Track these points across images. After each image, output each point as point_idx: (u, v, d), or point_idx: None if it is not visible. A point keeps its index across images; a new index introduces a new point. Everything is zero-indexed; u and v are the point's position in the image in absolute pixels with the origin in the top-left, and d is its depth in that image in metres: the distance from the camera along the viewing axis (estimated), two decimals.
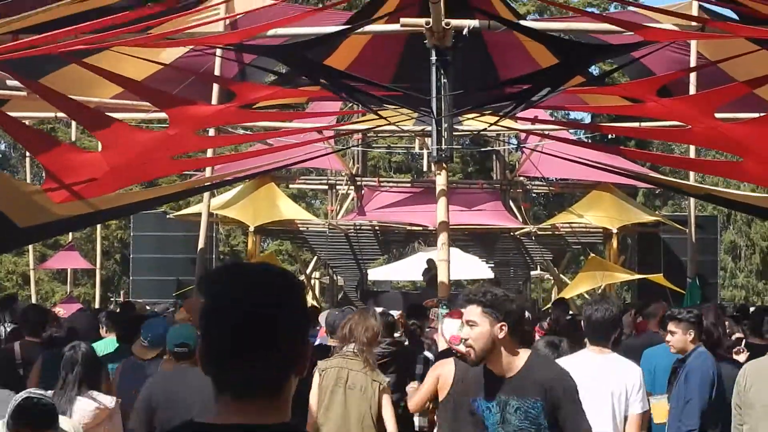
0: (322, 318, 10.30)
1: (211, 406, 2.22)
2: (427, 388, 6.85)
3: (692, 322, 7.96)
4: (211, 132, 15.14)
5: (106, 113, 12.08)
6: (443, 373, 6.52)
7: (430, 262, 23.00)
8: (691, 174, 18.25)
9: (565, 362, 6.73)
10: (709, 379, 7.64)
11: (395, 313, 11.53)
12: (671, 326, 8.02)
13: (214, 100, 14.17)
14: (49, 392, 5.91)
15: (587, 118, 35.38)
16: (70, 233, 26.29)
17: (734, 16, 10.14)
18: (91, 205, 11.56)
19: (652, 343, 9.63)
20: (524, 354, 5.38)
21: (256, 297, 2.19)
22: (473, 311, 5.32)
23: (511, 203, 25.28)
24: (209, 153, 16.38)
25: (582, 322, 6.95)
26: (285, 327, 2.22)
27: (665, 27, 10.49)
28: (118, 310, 14.14)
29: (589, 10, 33.54)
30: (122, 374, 8.49)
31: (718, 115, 9.93)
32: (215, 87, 14.45)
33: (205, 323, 2.23)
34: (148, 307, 17.63)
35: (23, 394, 5.53)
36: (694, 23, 10.85)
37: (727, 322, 10.78)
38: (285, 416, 2.23)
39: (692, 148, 16.39)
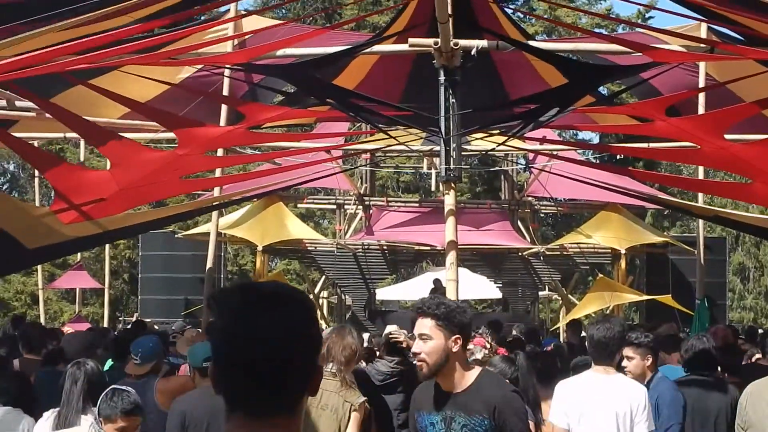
0: None
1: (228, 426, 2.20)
2: None
3: (651, 347, 7.79)
4: (220, 152, 15.17)
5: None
6: None
7: (437, 282, 22.96)
8: (700, 196, 18.22)
9: (569, 382, 6.72)
10: (680, 401, 7.55)
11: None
12: (628, 351, 7.65)
13: (223, 121, 14.19)
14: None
15: (595, 139, 35.43)
16: (79, 253, 26.32)
17: (741, 38, 10.15)
18: (100, 225, 11.56)
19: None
20: (475, 371, 5.25)
21: (268, 317, 2.18)
22: (426, 324, 5.13)
23: (520, 223, 25.29)
24: (217, 173, 16.40)
25: (586, 342, 6.93)
26: (298, 347, 2.21)
27: (674, 48, 10.49)
28: (128, 328, 14.15)
29: (597, 31, 33.55)
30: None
31: (727, 137, 9.91)
32: (223, 107, 14.47)
33: (217, 344, 2.22)
34: (156, 327, 17.64)
35: (110, 389, 5.73)
36: (702, 45, 10.87)
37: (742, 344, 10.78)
38: None
39: (701, 169, 16.37)
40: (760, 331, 20.97)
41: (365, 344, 10.45)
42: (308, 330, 2.27)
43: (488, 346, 7.88)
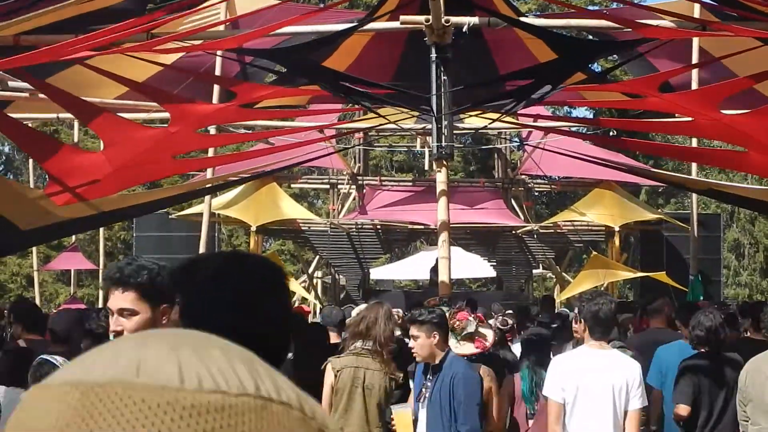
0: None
1: None
2: None
3: (436, 323, 7.11)
4: (212, 131, 15.14)
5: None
6: None
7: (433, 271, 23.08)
8: (694, 169, 18.23)
9: (565, 357, 6.75)
10: (477, 381, 7.20)
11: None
12: (413, 330, 7.20)
13: (215, 99, 14.17)
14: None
15: (589, 116, 35.40)
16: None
17: (734, 14, 10.14)
18: (94, 207, 11.57)
19: (659, 340, 9.60)
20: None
21: (235, 288, 2.18)
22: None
23: (513, 201, 25.33)
24: (210, 152, 16.37)
25: (581, 318, 6.89)
26: (274, 314, 2.23)
27: (665, 25, 10.47)
28: None
29: (592, 8, 33.51)
30: None
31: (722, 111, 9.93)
32: (216, 87, 14.44)
33: (187, 318, 2.22)
34: None
35: (38, 359, 5.66)
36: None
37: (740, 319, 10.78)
38: None
39: (694, 141, 16.37)
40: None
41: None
42: (287, 297, 2.32)
43: (471, 318, 7.84)
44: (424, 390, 6.95)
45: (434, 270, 22.44)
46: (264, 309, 2.16)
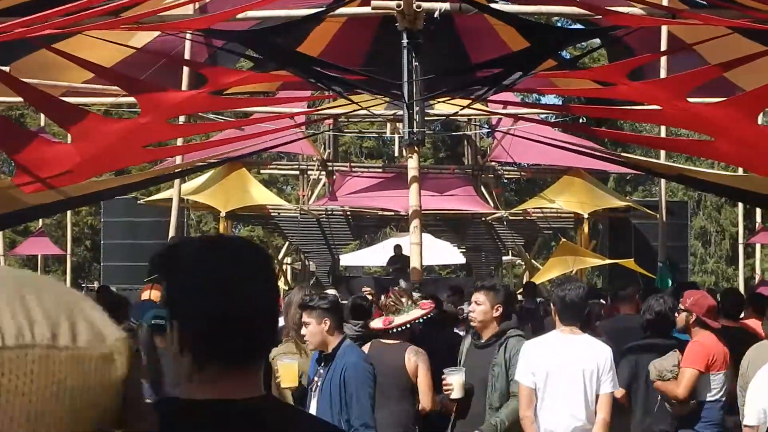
0: None
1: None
2: None
3: (326, 309, 6.73)
4: (182, 120, 15.06)
5: (76, 103, 12.01)
6: None
7: (397, 249, 23.09)
8: (662, 157, 18.31)
9: (535, 343, 6.76)
10: (369, 371, 7.14)
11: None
12: (303, 317, 6.82)
13: (185, 84, 14.09)
14: None
15: (558, 103, 35.47)
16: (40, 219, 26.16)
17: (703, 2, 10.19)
18: (63, 193, 11.48)
19: (629, 326, 9.65)
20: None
21: (233, 273, 2.17)
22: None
23: (483, 188, 25.37)
24: (179, 142, 16.29)
25: (552, 304, 6.93)
26: (264, 299, 2.23)
27: (635, 12, 10.49)
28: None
29: None
30: None
31: (690, 100, 9.96)
32: (185, 71, 14.36)
33: (180, 302, 2.19)
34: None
35: None
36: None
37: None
38: (261, 388, 2.22)
39: (663, 130, 16.43)
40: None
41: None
42: (271, 282, 2.30)
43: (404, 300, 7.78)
44: (316, 378, 6.66)
45: (392, 260, 22.52)
46: (247, 292, 2.15)
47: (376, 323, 7.60)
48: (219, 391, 2.14)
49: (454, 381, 6.82)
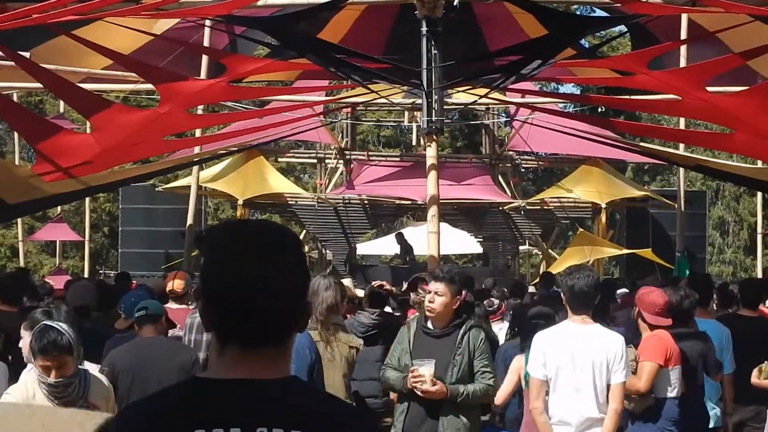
0: None
1: (171, 376, 2.24)
2: None
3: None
4: (200, 109, 15.08)
5: (96, 89, 12.04)
6: None
7: (399, 236, 23.12)
8: (681, 146, 18.28)
9: (546, 333, 6.74)
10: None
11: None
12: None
13: (204, 72, 14.11)
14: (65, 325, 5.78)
15: (577, 92, 35.41)
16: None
17: None
18: (82, 182, 11.53)
19: None
20: None
21: (261, 255, 2.22)
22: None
23: (500, 178, 25.32)
24: (198, 133, 16.32)
25: (562, 293, 6.89)
26: (291, 281, 2.26)
27: (655, 0, 10.48)
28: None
29: None
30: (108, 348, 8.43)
31: (710, 89, 9.91)
32: (204, 59, 14.37)
33: (210, 282, 2.24)
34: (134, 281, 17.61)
35: (41, 325, 5.50)
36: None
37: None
38: (288, 369, 2.28)
39: (682, 120, 16.38)
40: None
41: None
42: (299, 265, 2.32)
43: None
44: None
45: (405, 249, 22.54)
46: (263, 275, 2.18)
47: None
48: (239, 370, 2.19)
49: (426, 372, 6.80)
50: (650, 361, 7.19)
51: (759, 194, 25.86)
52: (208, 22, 13.48)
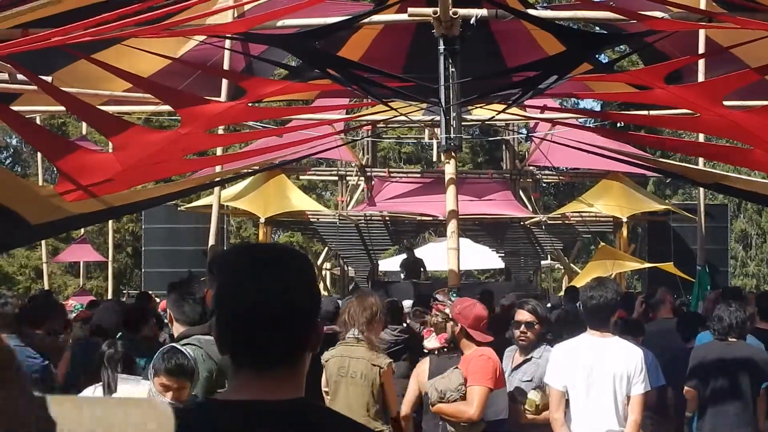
0: None
1: None
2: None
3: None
4: (221, 129, 15.18)
5: (118, 111, 12.14)
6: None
7: (409, 253, 23.19)
8: (701, 161, 18.26)
9: (565, 345, 6.79)
10: None
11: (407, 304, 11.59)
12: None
13: (224, 96, 14.20)
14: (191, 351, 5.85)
15: (596, 108, 35.38)
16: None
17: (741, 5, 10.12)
18: (104, 202, 11.60)
19: (663, 329, 9.69)
20: None
21: (270, 274, 2.27)
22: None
23: (521, 193, 25.36)
24: (219, 151, 16.42)
25: (582, 308, 6.94)
26: (299, 302, 2.31)
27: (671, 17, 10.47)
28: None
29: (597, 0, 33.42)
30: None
31: (727, 103, 9.90)
32: (224, 82, 14.47)
33: (220, 304, 2.31)
34: (158, 299, 17.70)
35: (168, 346, 5.63)
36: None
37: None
38: (300, 391, 2.32)
39: (701, 136, 16.37)
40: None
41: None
42: (308, 286, 2.37)
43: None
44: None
45: (404, 266, 22.68)
46: (271, 297, 2.24)
47: (432, 342, 7.54)
48: (251, 392, 2.24)
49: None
50: (480, 385, 6.78)
51: None
52: (227, 44, 13.58)
